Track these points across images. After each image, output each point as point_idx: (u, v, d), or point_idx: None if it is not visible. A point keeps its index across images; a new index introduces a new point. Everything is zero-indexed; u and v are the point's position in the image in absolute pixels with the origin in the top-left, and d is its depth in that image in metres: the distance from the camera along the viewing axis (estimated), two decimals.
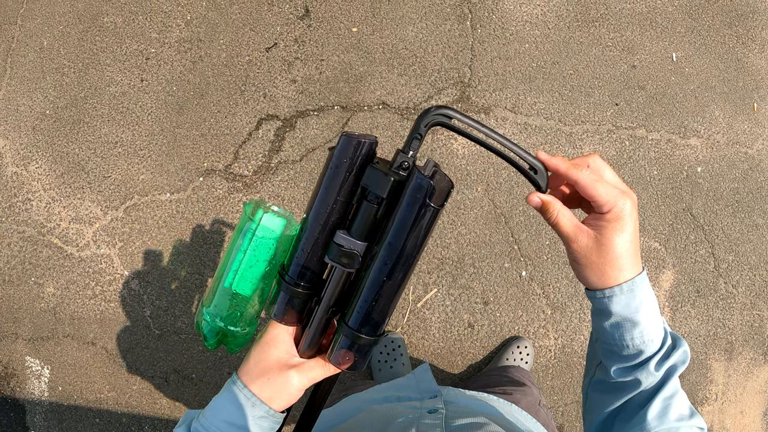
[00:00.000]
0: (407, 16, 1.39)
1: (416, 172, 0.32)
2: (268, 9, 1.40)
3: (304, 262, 0.37)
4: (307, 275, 0.37)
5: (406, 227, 0.33)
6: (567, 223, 0.36)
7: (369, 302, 0.36)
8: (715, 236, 1.37)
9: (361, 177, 0.34)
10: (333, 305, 0.38)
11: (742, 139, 1.42)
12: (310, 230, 0.36)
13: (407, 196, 0.33)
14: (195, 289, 1.29)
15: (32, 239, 1.34)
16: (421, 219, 0.33)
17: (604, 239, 0.35)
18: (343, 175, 0.34)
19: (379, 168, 0.34)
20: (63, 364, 1.30)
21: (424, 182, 0.32)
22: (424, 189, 0.32)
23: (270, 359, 0.38)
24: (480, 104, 1.36)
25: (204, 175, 1.33)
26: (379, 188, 0.33)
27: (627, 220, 0.35)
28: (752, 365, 1.37)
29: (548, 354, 1.29)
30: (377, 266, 0.35)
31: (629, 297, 0.36)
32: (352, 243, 0.35)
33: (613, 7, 1.45)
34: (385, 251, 0.34)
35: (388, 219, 0.34)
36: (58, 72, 1.42)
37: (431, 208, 0.32)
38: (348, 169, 0.34)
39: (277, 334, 0.39)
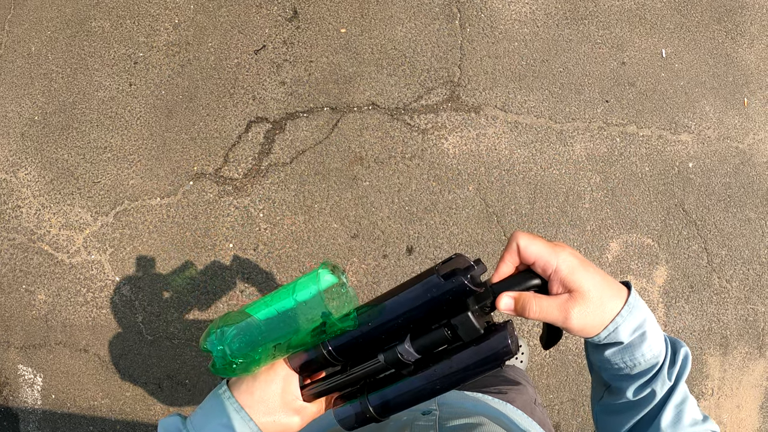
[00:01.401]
0: (396, 16, 1.38)
1: (506, 335, 0.34)
2: (257, 11, 1.40)
3: (352, 346, 0.38)
4: (345, 355, 0.39)
5: (468, 376, 0.36)
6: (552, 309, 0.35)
7: (401, 399, 0.38)
8: (708, 231, 1.37)
9: (451, 312, 0.35)
10: (360, 381, 0.40)
11: (733, 134, 1.42)
12: (376, 323, 0.37)
13: (485, 348, 0.34)
14: (187, 294, 1.28)
15: (22, 246, 1.33)
16: (485, 370, 0.35)
17: (580, 292, 0.35)
18: (436, 310, 0.35)
19: (476, 318, 0.34)
20: (56, 371, 1.29)
21: (505, 346, 0.34)
22: (502, 352, 0.34)
23: (277, 399, 0.39)
24: (470, 103, 1.35)
25: (194, 178, 1.32)
26: (466, 335, 0.35)
27: (577, 263, 0.35)
28: (747, 359, 1.37)
29: (543, 352, 1.28)
30: (427, 384, 0.37)
31: (633, 318, 0.36)
32: (412, 355, 0.36)
33: (602, 4, 1.45)
34: (440, 380, 0.36)
35: (451, 351, 0.36)
36: (46, 77, 1.41)
37: (498, 366, 0.35)
38: (443, 307, 0.35)
39: (288, 375, 0.40)
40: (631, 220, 1.34)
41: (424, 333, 0.36)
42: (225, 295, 1.28)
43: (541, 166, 1.34)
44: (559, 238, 1.32)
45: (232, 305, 1.28)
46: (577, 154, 1.36)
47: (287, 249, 1.28)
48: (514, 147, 1.34)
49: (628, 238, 1.34)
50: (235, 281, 1.28)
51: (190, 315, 1.28)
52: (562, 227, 1.32)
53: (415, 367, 0.37)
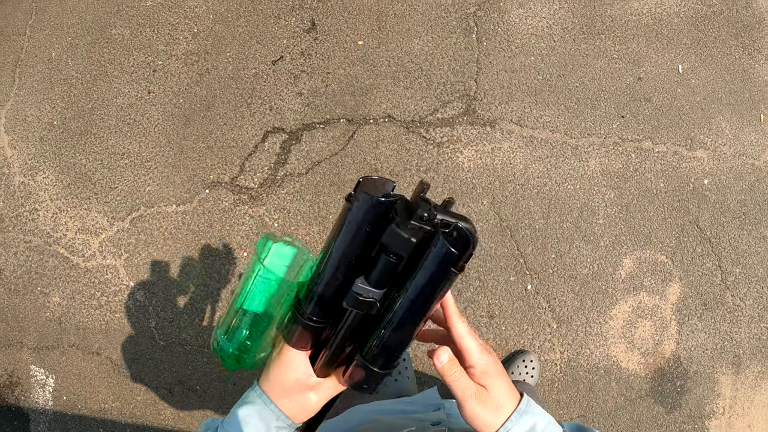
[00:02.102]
0: (413, 29, 1.39)
1: (440, 238, 0.32)
2: (275, 22, 1.41)
3: (320, 303, 0.38)
4: (321, 313, 0.38)
5: (427, 290, 0.34)
6: (464, 384, 0.40)
7: (386, 342, 0.37)
8: (722, 249, 1.36)
9: (381, 232, 0.34)
10: (349, 338, 0.40)
11: (748, 150, 1.41)
12: (327, 275, 0.36)
13: (430, 262, 0.33)
14: (200, 300, 1.29)
15: (38, 249, 1.35)
16: (442, 284, 0.34)
17: (485, 390, 0.40)
18: (363, 234, 0.34)
19: (401, 227, 0.33)
20: (68, 373, 1.30)
21: (447, 251, 0.32)
22: (447, 257, 0.32)
23: (290, 380, 0.41)
24: (486, 117, 1.36)
25: (210, 187, 1.33)
26: (400, 249, 0.33)
27: (492, 367, 0.41)
28: (760, 378, 1.36)
29: (554, 368, 1.28)
30: (396, 314, 0.36)
31: (523, 422, 0.40)
32: (370, 292, 0.35)
33: (619, 19, 1.45)
34: (404, 305, 0.35)
35: (409, 273, 0.34)
36: (66, 83, 1.43)
37: (453, 274, 0.33)
38: (367, 229, 0.34)
39: (294, 355, 0.41)
40: (645, 236, 1.34)
41: (371, 266, 0.35)
42: None
43: (555, 181, 1.34)
44: (573, 253, 1.32)
45: None
46: (591, 169, 1.35)
47: None
48: (529, 161, 1.34)
49: (641, 254, 1.33)
50: None
51: (203, 322, 1.29)
52: (575, 243, 1.32)
53: (386, 306, 0.36)
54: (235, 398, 1.28)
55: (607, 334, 1.29)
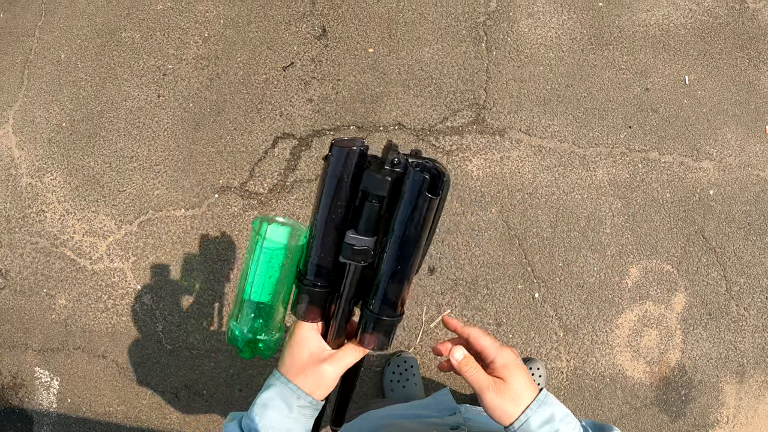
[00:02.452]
0: (423, 37, 1.40)
1: (411, 170, 0.35)
2: (286, 28, 1.42)
3: (319, 264, 0.40)
4: (323, 275, 0.40)
5: (410, 220, 0.36)
6: (481, 378, 0.43)
7: (387, 288, 0.39)
8: (727, 259, 1.37)
9: (359, 182, 0.36)
10: (353, 297, 0.41)
11: (754, 161, 1.43)
12: (319, 235, 0.38)
13: (407, 193, 0.35)
14: (208, 305, 1.29)
15: (45, 250, 1.35)
16: (421, 210, 0.36)
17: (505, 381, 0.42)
18: (343, 184, 0.36)
19: (375, 171, 0.36)
20: (72, 376, 1.30)
21: (419, 177, 0.35)
22: (420, 183, 0.35)
23: (304, 357, 0.42)
24: (495, 126, 1.37)
25: (219, 191, 1.34)
26: (378, 189, 0.36)
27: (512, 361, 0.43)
28: (764, 388, 1.36)
29: (560, 376, 1.28)
30: (390, 256, 0.38)
31: (542, 411, 0.42)
32: (362, 241, 0.37)
33: (627, 30, 1.46)
34: (394, 243, 0.37)
35: (392, 212, 0.37)
36: (75, 85, 1.43)
37: (428, 198, 0.35)
38: (346, 178, 0.36)
39: (305, 332, 0.43)
40: (651, 246, 1.35)
41: (357, 214, 0.37)
42: None
43: (563, 190, 1.35)
44: (580, 262, 1.32)
45: None
46: (599, 179, 1.36)
47: None
48: (537, 171, 1.35)
49: (647, 263, 1.34)
50: None
51: (210, 326, 1.29)
52: (582, 252, 1.32)
53: (380, 253, 0.38)
54: (242, 403, 1.28)
55: (613, 342, 1.30)
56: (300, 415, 0.41)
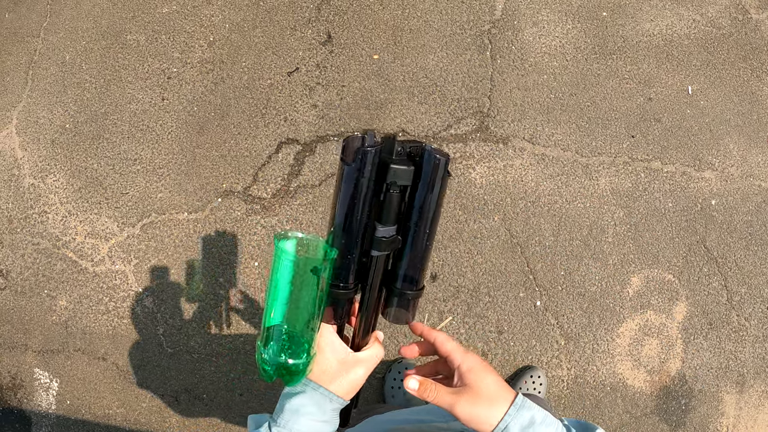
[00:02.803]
0: (428, 45, 1.41)
1: (431, 154, 0.38)
2: (291, 33, 1.42)
3: (342, 266, 0.41)
4: (344, 276, 0.42)
5: (438, 199, 0.40)
6: (445, 395, 0.42)
7: (417, 266, 0.41)
8: (729, 269, 1.37)
9: (381, 177, 0.39)
10: (380, 287, 0.43)
11: (756, 171, 1.43)
12: (346, 237, 0.40)
13: (434, 176, 0.38)
14: (210, 309, 1.29)
15: (47, 252, 1.34)
16: (444, 188, 0.40)
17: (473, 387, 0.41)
18: (368, 184, 0.38)
19: (399, 164, 0.38)
20: (72, 377, 1.30)
21: (442, 160, 0.38)
22: (445, 165, 0.38)
23: (334, 364, 0.43)
24: (498, 134, 1.37)
25: (222, 196, 1.34)
26: (405, 179, 0.39)
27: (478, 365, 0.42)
28: (764, 398, 1.37)
29: (561, 384, 1.28)
30: (419, 236, 0.40)
31: (521, 416, 0.40)
32: (390, 231, 0.40)
33: (630, 40, 1.47)
34: (424, 223, 0.40)
35: (413, 196, 0.40)
36: (79, 87, 1.43)
37: (449, 176, 0.40)
38: (370, 178, 0.38)
39: (328, 337, 0.44)
40: (652, 255, 1.35)
41: (382, 208, 0.39)
42: (248, 312, 1.29)
43: (566, 199, 1.35)
44: (581, 271, 1.32)
45: (254, 323, 1.28)
46: (601, 188, 1.37)
47: None
48: (541, 179, 1.35)
49: (649, 273, 1.34)
50: (258, 299, 1.29)
51: (211, 330, 1.28)
52: (584, 260, 1.33)
53: (403, 234, 0.41)
54: (243, 408, 1.28)
55: (614, 351, 1.30)
56: (332, 416, 0.43)
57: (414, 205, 0.39)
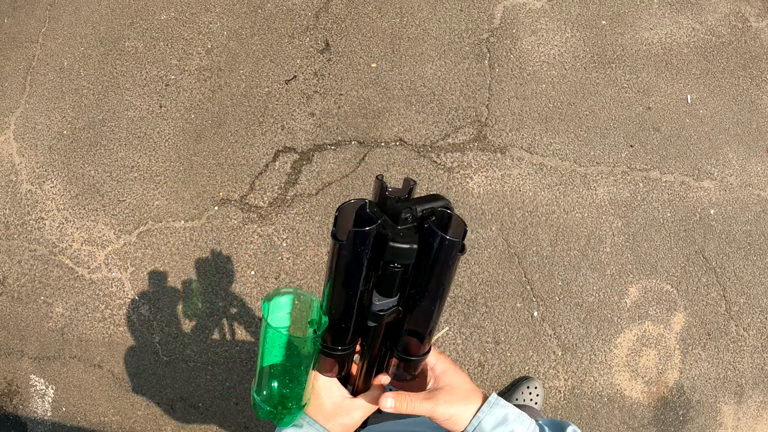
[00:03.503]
0: (426, 53, 1.40)
1: (439, 235, 0.32)
2: (289, 41, 1.42)
3: (339, 334, 0.39)
4: (342, 341, 0.40)
5: (446, 280, 0.35)
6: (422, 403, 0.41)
7: (419, 334, 0.39)
8: (727, 279, 1.37)
9: (379, 254, 0.33)
10: (381, 346, 0.41)
11: (755, 181, 1.42)
12: (342, 311, 0.37)
13: (444, 258, 0.33)
14: (206, 318, 1.29)
15: (43, 258, 1.34)
16: (454, 268, 0.35)
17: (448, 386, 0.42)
18: (362, 263, 0.34)
19: (399, 242, 0.33)
20: (68, 384, 1.29)
21: (456, 243, 0.33)
22: (453, 248, 0.33)
23: (328, 406, 0.43)
24: (496, 144, 1.37)
25: (219, 204, 1.33)
26: (406, 258, 0.34)
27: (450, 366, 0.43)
28: (762, 408, 1.36)
29: (558, 395, 1.28)
30: (423, 309, 0.37)
31: (494, 413, 0.41)
32: (389, 303, 0.36)
33: (629, 49, 1.46)
34: (429, 299, 0.36)
35: (419, 269, 0.35)
36: (77, 93, 1.43)
37: (459, 257, 0.34)
38: (365, 259, 0.33)
39: (325, 383, 0.44)
40: (651, 265, 1.34)
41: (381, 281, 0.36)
42: (244, 321, 1.29)
43: (564, 209, 1.35)
44: (579, 281, 1.32)
45: (250, 331, 1.28)
46: (600, 198, 1.36)
47: (308, 280, 1.28)
48: (538, 189, 1.35)
49: (647, 283, 1.34)
50: (254, 308, 1.29)
51: (207, 339, 1.28)
52: (582, 270, 1.32)
53: (405, 305, 0.37)
54: (238, 417, 1.27)
55: (612, 362, 1.29)
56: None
57: (418, 281, 0.35)
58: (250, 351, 1.27)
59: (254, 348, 1.26)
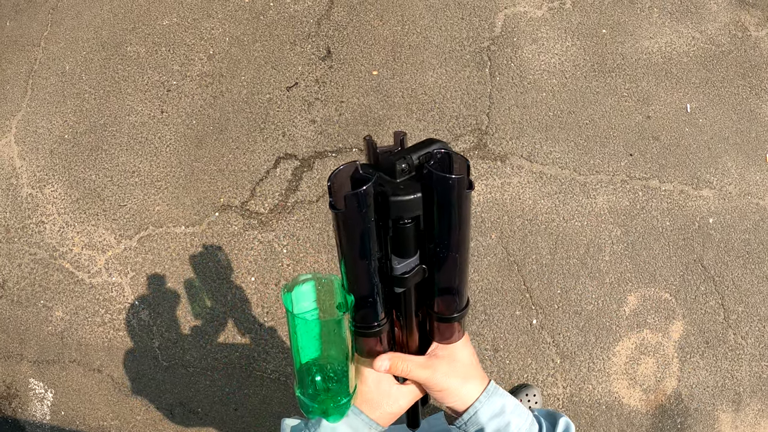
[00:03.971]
0: (427, 61, 1.41)
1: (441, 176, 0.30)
2: (291, 48, 1.42)
3: (367, 309, 0.36)
4: (374, 317, 0.37)
5: (459, 222, 0.32)
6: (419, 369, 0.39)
7: (453, 286, 0.36)
8: (726, 287, 1.37)
9: (384, 213, 0.31)
10: (416, 311, 0.38)
11: (753, 190, 1.43)
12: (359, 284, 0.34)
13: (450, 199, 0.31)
14: (206, 323, 1.29)
15: (44, 262, 1.34)
16: (466, 208, 0.32)
17: (452, 355, 0.40)
18: (368, 227, 0.31)
19: (401, 195, 0.30)
20: (67, 388, 1.29)
21: (454, 181, 0.30)
22: (458, 186, 0.30)
23: (378, 394, 0.42)
24: (496, 152, 1.37)
25: (220, 210, 1.34)
26: (413, 210, 0.31)
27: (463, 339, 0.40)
28: (759, 417, 1.36)
29: (556, 403, 1.28)
30: (448, 260, 0.34)
31: (491, 403, 0.40)
32: (411, 263, 0.34)
33: (630, 58, 1.47)
34: (451, 248, 0.33)
35: (431, 219, 0.32)
36: (78, 97, 1.44)
37: (469, 194, 0.32)
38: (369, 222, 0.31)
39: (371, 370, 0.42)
40: (649, 274, 1.35)
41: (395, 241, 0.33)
42: (244, 327, 1.29)
43: (563, 217, 1.35)
44: (578, 289, 1.32)
45: (250, 338, 1.28)
46: (599, 206, 1.37)
47: None
48: (538, 197, 1.35)
49: (646, 291, 1.34)
50: (254, 314, 1.29)
51: (207, 344, 1.28)
52: (581, 279, 1.33)
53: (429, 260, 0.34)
54: (237, 422, 1.28)
55: (610, 370, 1.30)
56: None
57: (434, 232, 0.32)
58: (250, 357, 1.27)
59: (254, 354, 1.27)
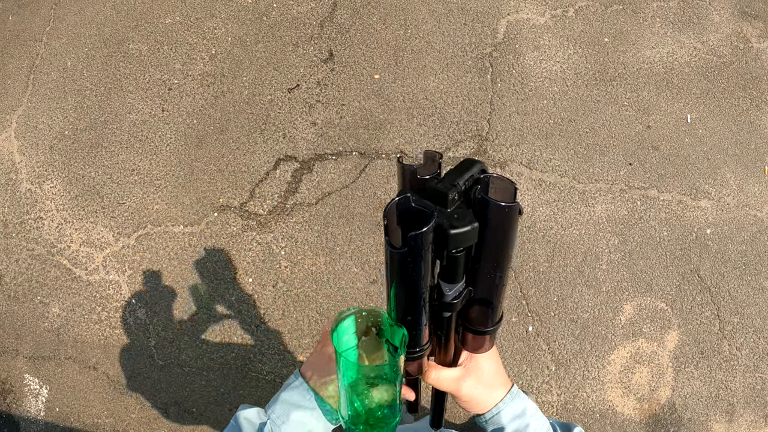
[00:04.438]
0: (429, 66, 1.41)
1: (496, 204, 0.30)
2: (293, 50, 1.42)
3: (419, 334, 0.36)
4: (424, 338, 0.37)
5: (510, 246, 0.32)
6: (448, 379, 0.41)
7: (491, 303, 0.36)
8: (722, 298, 1.38)
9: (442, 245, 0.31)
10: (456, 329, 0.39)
11: (752, 201, 1.44)
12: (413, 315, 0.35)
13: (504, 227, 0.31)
14: (202, 323, 1.29)
15: (41, 258, 1.34)
16: (516, 232, 0.32)
17: (478, 368, 0.42)
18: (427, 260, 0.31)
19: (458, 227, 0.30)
20: (62, 385, 1.29)
21: (515, 207, 0.30)
22: (513, 213, 0.30)
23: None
24: (496, 158, 1.37)
25: (219, 210, 1.34)
26: (469, 240, 0.31)
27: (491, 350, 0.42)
28: (753, 428, 1.37)
29: (550, 410, 1.28)
30: (491, 280, 0.35)
31: (514, 404, 0.42)
32: (459, 288, 0.34)
33: (631, 67, 1.47)
34: (499, 267, 0.34)
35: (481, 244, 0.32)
36: (79, 93, 1.43)
37: (521, 215, 0.31)
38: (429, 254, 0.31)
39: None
40: (646, 283, 1.35)
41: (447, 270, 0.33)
42: (240, 328, 1.29)
43: (561, 225, 1.35)
44: (575, 297, 1.33)
45: (246, 339, 1.28)
46: (597, 215, 1.37)
47: (306, 288, 1.29)
48: (537, 204, 1.36)
49: (642, 301, 1.35)
50: (251, 315, 1.29)
51: (203, 344, 1.28)
52: (577, 287, 1.33)
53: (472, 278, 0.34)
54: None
55: (605, 378, 1.30)
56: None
57: (482, 255, 0.32)
58: (246, 358, 1.27)
59: (249, 355, 1.27)
